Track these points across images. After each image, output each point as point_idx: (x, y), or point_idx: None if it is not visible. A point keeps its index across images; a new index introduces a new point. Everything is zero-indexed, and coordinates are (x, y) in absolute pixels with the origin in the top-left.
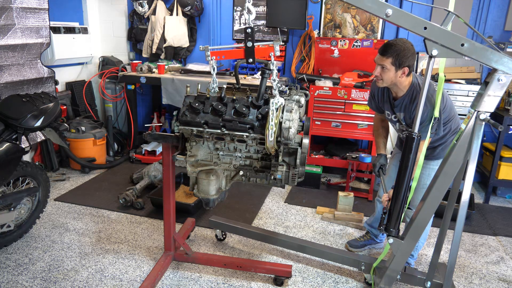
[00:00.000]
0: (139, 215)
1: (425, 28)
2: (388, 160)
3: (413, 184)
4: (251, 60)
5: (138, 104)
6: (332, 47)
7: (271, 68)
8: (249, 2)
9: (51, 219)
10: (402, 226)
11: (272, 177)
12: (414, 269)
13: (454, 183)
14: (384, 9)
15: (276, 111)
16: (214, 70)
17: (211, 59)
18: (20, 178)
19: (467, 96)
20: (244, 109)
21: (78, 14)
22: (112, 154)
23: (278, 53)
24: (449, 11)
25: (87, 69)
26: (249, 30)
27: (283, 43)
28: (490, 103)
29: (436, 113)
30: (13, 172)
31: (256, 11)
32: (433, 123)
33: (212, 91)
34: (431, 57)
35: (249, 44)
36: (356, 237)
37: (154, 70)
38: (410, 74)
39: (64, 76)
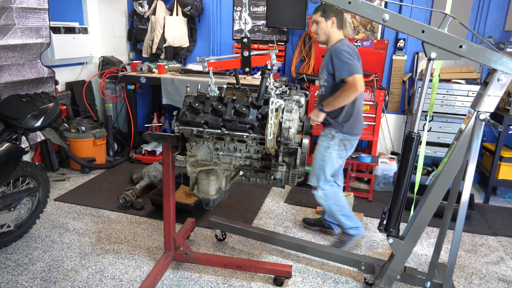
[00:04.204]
0: (139, 215)
1: (423, 31)
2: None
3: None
4: (247, 69)
5: (138, 104)
6: None
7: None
8: (245, 12)
9: (51, 219)
10: (402, 226)
11: (272, 177)
12: (414, 269)
13: (454, 183)
14: (381, 15)
15: (276, 111)
16: (212, 80)
17: (209, 70)
18: (20, 178)
19: (467, 96)
20: (244, 109)
21: (78, 14)
22: (112, 154)
23: (274, 61)
24: (446, 14)
25: (87, 69)
26: (245, 40)
27: (283, 43)
28: (490, 103)
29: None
30: (13, 172)
31: (256, 11)
32: (327, 77)
33: (211, 94)
34: (429, 59)
35: (246, 54)
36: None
37: (154, 70)
38: (341, 32)
39: (64, 76)
